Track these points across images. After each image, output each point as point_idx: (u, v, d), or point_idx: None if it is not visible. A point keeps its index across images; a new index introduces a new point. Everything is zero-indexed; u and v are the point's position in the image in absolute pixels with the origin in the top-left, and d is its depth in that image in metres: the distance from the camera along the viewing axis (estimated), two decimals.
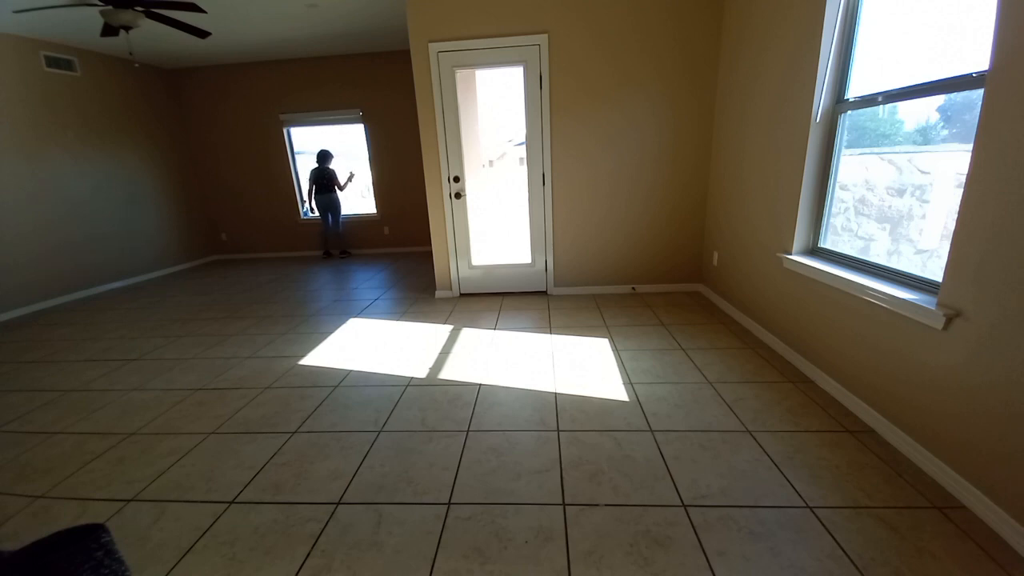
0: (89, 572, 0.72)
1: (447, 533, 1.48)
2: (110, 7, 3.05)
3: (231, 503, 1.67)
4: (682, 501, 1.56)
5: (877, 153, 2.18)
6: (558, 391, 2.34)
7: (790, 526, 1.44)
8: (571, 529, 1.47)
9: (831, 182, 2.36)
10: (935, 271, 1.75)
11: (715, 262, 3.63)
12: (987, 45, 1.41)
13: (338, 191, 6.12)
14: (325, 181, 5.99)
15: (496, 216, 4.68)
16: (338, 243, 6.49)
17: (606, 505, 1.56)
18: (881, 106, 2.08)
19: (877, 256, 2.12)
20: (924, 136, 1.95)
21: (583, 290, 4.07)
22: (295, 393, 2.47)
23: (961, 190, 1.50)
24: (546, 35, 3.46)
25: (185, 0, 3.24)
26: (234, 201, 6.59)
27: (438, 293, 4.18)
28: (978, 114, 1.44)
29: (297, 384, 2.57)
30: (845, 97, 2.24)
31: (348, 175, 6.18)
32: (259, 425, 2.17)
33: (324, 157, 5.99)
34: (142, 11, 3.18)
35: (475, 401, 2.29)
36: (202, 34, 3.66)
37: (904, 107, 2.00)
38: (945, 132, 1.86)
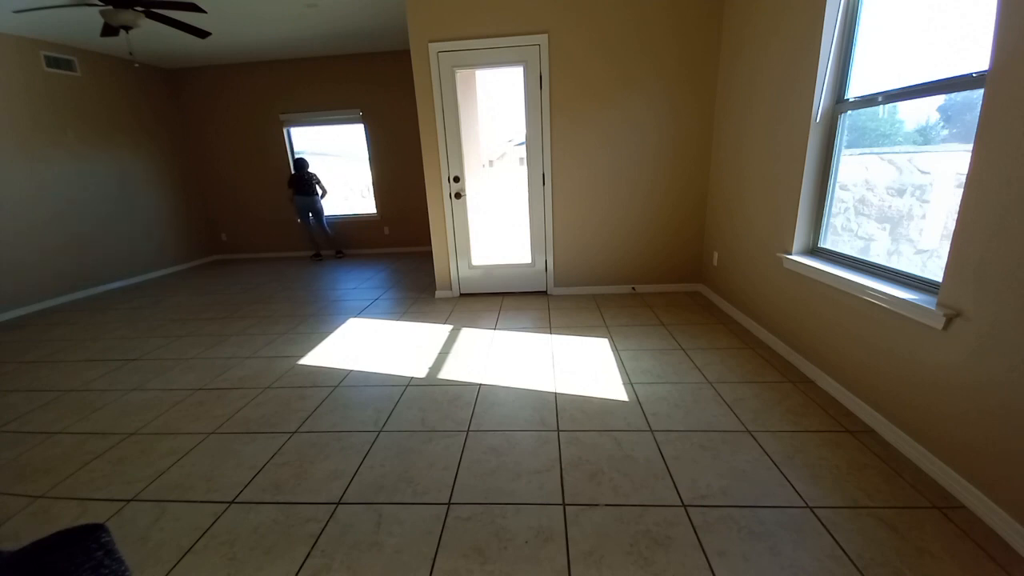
0: (89, 572, 0.72)
1: (447, 533, 1.48)
2: (110, 7, 3.05)
3: (231, 503, 1.67)
4: (682, 501, 1.56)
5: (877, 153, 2.18)
6: (558, 391, 2.34)
7: (790, 526, 1.44)
8: (571, 529, 1.47)
9: (831, 182, 2.36)
10: (935, 271, 1.75)
11: (715, 262, 3.63)
12: (987, 45, 1.41)
13: (319, 193, 6.04)
14: (306, 179, 5.91)
15: (496, 216, 4.68)
16: (330, 244, 6.49)
17: (606, 505, 1.56)
18: (881, 106, 2.08)
19: (877, 256, 2.12)
20: (924, 136, 1.95)
21: (583, 290, 4.06)
22: (295, 393, 2.46)
23: (961, 190, 1.50)
24: (546, 35, 3.46)
25: (185, 0, 3.24)
26: (234, 201, 6.59)
27: (438, 293, 4.18)
28: (978, 114, 1.44)
29: (297, 384, 2.57)
30: (845, 97, 2.24)
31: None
32: (259, 425, 2.17)
33: (302, 164, 5.96)
34: (142, 11, 3.18)
35: (475, 401, 2.29)
36: (202, 34, 3.66)
37: (904, 107, 2.00)
38: (945, 132, 1.86)
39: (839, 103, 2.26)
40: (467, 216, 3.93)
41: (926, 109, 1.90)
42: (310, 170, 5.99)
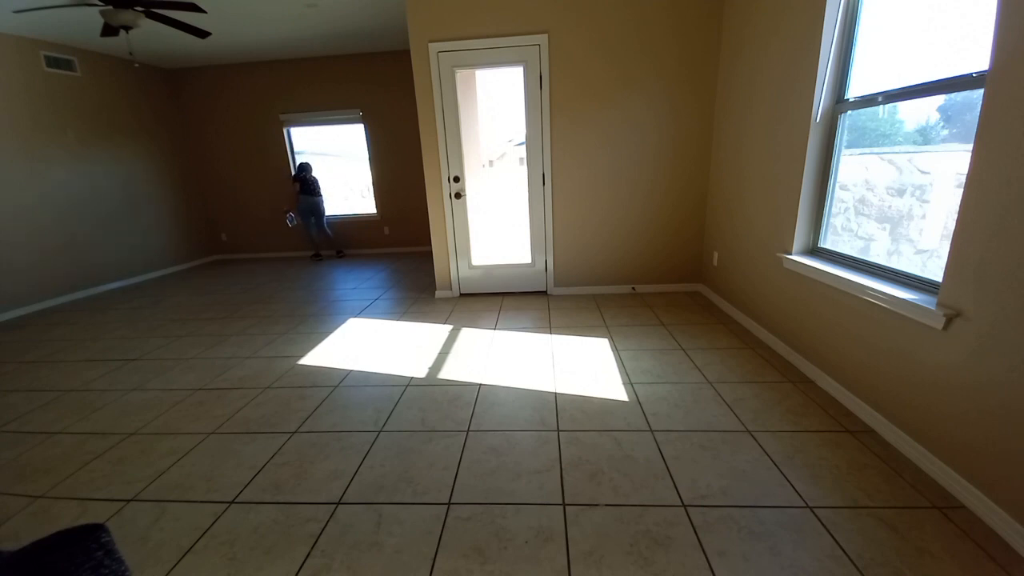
0: (89, 572, 0.72)
1: (447, 533, 1.48)
2: (110, 7, 3.05)
3: (231, 503, 1.67)
4: (682, 501, 1.56)
5: (877, 153, 2.18)
6: (558, 391, 2.34)
7: (790, 526, 1.44)
8: (571, 529, 1.47)
9: (831, 182, 2.36)
10: (935, 271, 1.75)
11: (715, 262, 3.63)
12: (987, 45, 1.41)
13: (321, 196, 6.08)
14: (310, 180, 5.95)
15: (496, 216, 4.68)
16: (330, 244, 6.50)
17: (606, 505, 1.56)
18: (881, 106, 2.08)
19: (877, 256, 2.12)
20: (924, 136, 1.95)
21: (583, 290, 4.06)
22: (295, 393, 2.47)
23: (961, 190, 1.50)
24: (546, 35, 3.46)
25: (185, 0, 3.24)
26: (234, 201, 6.59)
27: (438, 293, 4.18)
28: (978, 114, 1.44)
29: (297, 384, 2.57)
30: (845, 97, 2.24)
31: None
32: (259, 425, 2.17)
33: (307, 167, 6.01)
34: (142, 11, 3.18)
35: (475, 401, 2.29)
36: (202, 34, 3.66)
37: (904, 107, 2.00)
38: (945, 132, 1.86)
39: (839, 103, 2.26)
40: (467, 216, 3.93)
41: (926, 109, 1.90)
42: (313, 174, 6.06)
